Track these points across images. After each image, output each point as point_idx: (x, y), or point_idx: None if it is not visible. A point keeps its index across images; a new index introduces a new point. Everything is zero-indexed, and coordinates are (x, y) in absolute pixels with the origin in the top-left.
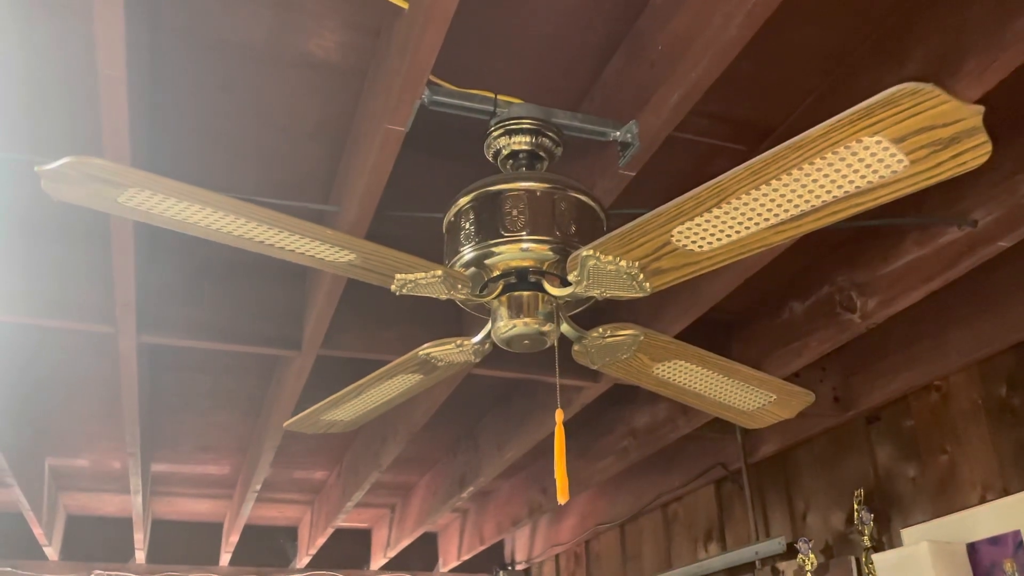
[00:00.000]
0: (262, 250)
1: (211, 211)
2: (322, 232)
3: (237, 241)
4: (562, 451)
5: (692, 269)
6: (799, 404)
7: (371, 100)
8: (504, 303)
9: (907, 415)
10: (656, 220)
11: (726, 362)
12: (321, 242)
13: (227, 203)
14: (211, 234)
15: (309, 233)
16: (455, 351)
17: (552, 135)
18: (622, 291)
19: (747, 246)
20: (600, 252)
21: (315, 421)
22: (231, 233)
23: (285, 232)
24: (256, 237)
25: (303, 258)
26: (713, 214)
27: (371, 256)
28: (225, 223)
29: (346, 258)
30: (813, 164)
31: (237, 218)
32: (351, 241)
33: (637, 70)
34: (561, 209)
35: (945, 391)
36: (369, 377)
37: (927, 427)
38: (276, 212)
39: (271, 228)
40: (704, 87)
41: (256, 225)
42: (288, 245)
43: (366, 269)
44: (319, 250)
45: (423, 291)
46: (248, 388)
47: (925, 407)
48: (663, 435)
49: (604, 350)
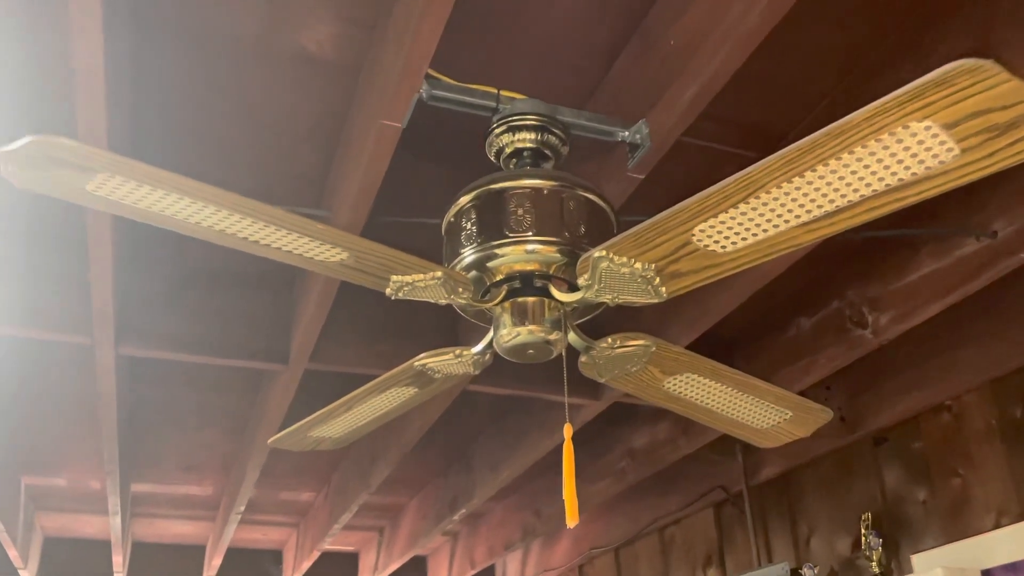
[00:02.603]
0: (246, 247)
1: (190, 202)
2: (312, 227)
3: (219, 237)
4: (571, 469)
5: (712, 272)
6: (816, 422)
7: (366, 96)
8: (507, 309)
9: (917, 436)
10: (676, 217)
11: (741, 376)
12: (311, 239)
13: (208, 193)
14: (190, 229)
15: (298, 228)
16: (453, 362)
17: (558, 132)
18: (636, 296)
19: (774, 247)
20: (614, 253)
21: (302, 438)
22: (212, 228)
23: (272, 227)
24: (240, 232)
25: (291, 257)
26: (739, 210)
27: (365, 255)
28: (205, 216)
29: (338, 257)
30: (853, 153)
31: (219, 210)
32: (343, 238)
33: (647, 67)
34: (570, 209)
35: (957, 411)
36: (360, 390)
37: (938, 449)
38: (262, 204)
39: (256, 222)
40: (721, 82)
41: (240, 219)
42: (275, 242)
43: (359, 270)
44: (309, 248)
45: (421, 295)
46: (233, 405)
47: (936, 428)
48: (663, 456)
49: (613, 362)
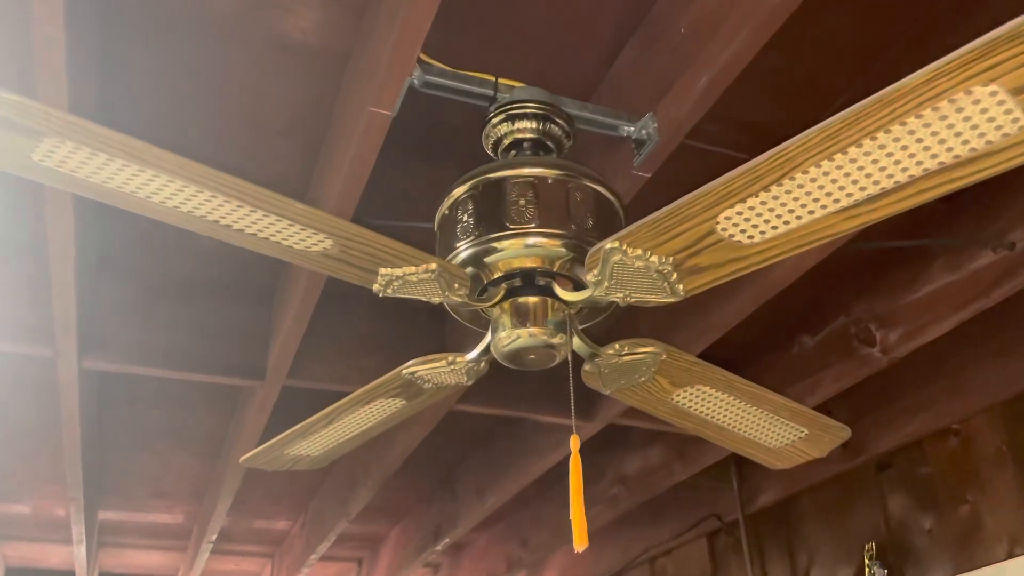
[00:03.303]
0: (216, 232)
1: (152, 175)
2: (291, 208)
3: (185, 219)
4: (579, 486)
5: (736, 267)
6: (832, 441)
7: (353, 83)
8: (506, 310)
9: (922, 461)
10: (699, 202)
11: (755, 388)
12: (290, 222)
13: (173, 163)
14: (152, 209)
15: (275, 209)
16: (445, 370)
17: (562, 123)
18: (650, 294)
19: (807, 237)
20: (627, 244)
21: (277, 455)
22: (178, 208)
23: (245, 207)
24: (209, 214)
25: (266, 246)
26: (771, 193)
27: (351, 242)
28: (170, 193)
29: (320, 245)
30: (905, 125)
31: (185, 185)
32: (326, 222)
33: (655, 58)
34: (576, 200)
35: (965, 435)
36: (342, 402)
37: (945, 475)
38: (235, 179)
39: (228, 201)
40: (736, 70)
41: (210, 196)
42: (248, 226)
43: (344, 261)
44: (287, 234)
45: (412, 291)
46: (207, 426)
47: (943, 453)
48: (657, 482)
49: (619, 371)
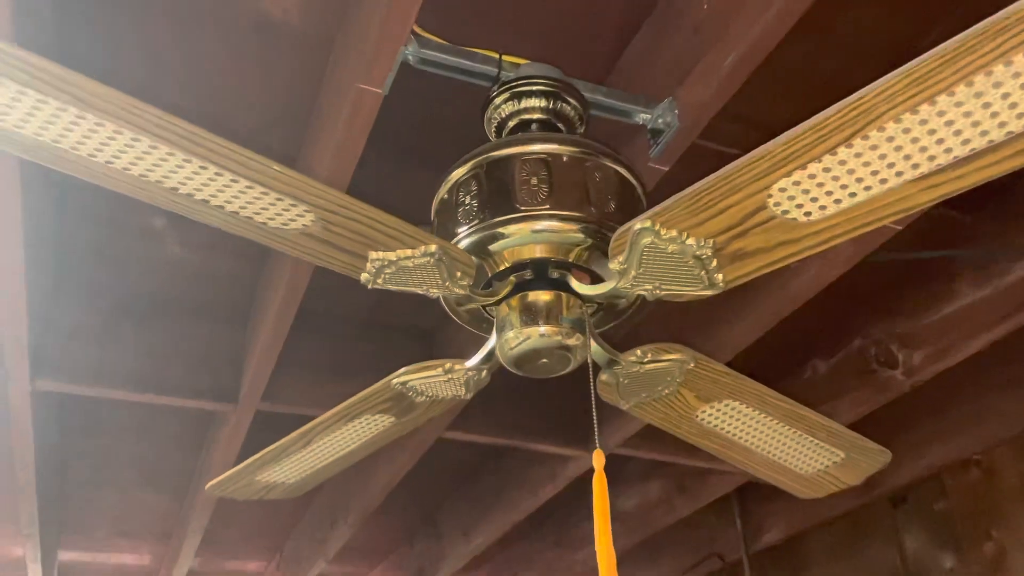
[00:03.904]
0: (175, 204)
1: (94, 122)
2: (265, 170)
3: (134, 186)
4: (605, 512)
5: (785, 253)
6: (869, 467)
7: (341, 63)
8: (515, 307)
9: (941, 495)
10: (751, 169)
11: (790, 405)
12: (264, 190)
13: (118, 104)
14: (94, 171)
15: (248, 172)
16: (442, 379)
17: (573, 102)
18: (684, 286)
19: (875, 212)
20: (661, 224)
21: (248, 482)
22: (127, 171)
23: (211, 168)
24: (166, 179)
25: (235, 222)
26: (838, 157)
27: (336, 216)
28: (116, 148)
29: (299, 221)
30: (1011, 65)
31: (136, 138)
32: (307, 188)
33: (673, 40)
34: (595, 180)
35: (987, 466)
36: (322, 418)
37: (966, 509)
38: (199, 130)
39: (189, 160)
40: (768, 47)
41: (167, 154)
42: (214, 195)
43: (327, 242)
44: (261, 206)
45: (408, 280)
46: (177, 459)
47: (963, 486)
48: (655, 519)
49: (640, 382)
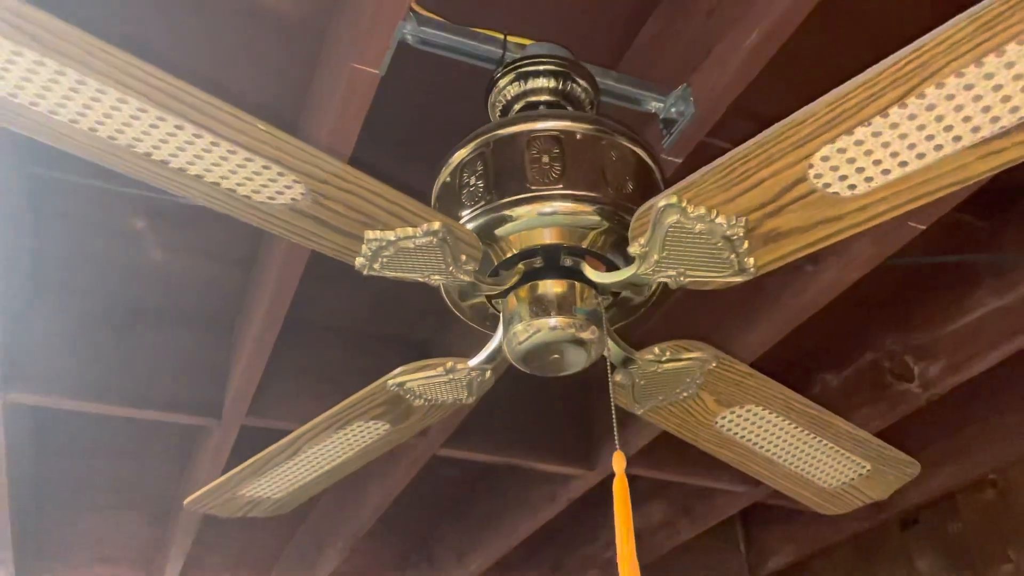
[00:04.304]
0: (144, 172)
1: (54, 69)
2: (250, 129)
3: (104, 151)
4: (628, 520)
5: (825, 232)
6: (896, 480)
7: (334, 45)
8: (524, 298)
9: (954, 516)
10: (791, 134)
11: (816, 410)
12: (249, 154)
13: (81, 46)
14: (57, 132)
15: (228, 131)
16: (442, 380)
17: (584, 84)
18: (710, 272)
19: (928, 184)
20: (689, 200)
21: (230, 497)
22: (93, 131)
23: (187, 126)
24: (138, 142)
25: (215, 194)
26: (889, 119)
27: (329, 187)
28: (81, 102)
29: (287, 194)
30: None
31: (103, 89)
32: (297, 152)
33: (688, 24)
34: (612, 160)
35: (1003, 486)
36: (310, 425)
37: (981, 531)
38: (177, 81)
39: (164, 118)
40: (793, 24)
41: (138, 109)
42: (191, 162)
43: (317, 219)
44: (244, 175)
45: (408, 265)
46: (159, 480)
47: (977, 506)
48: (658, 543)
49: (658, 383)
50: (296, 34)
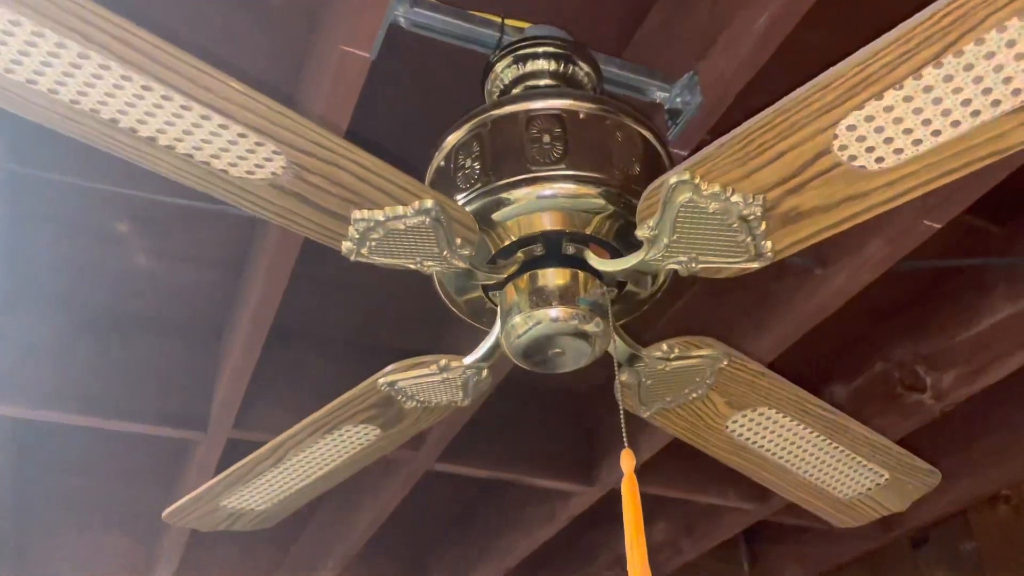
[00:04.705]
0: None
1: (7, 19)
2: (224, 90)
3: (65, 117)
4: (638, 521)
5: (850, 212)
6: (916, 489)
7: (324, 27)
8: (523, 288)
9: (967, 535)
10: (815, 100)
11: (832, 414)
12: (223, 120)
13: None
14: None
15: (200, 93)
16: (436, 380)
17: (586, 66)
18: (725, 257)
19: (962, 156)
20: (702, 176)
21: (211, 508)
22: (53, 93)
23: (156, 87)
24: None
25: (186, 168)
26: (923, 82)
27: (312, 159)
28: (39, 59)
29: (266, 167)
30: None
31: (62, 41)
32: (276, 118)
33: (692, 13)
34: (617, 140)
35: (1017, 502)
36: (296, 429)
37: (996, 549)
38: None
39: (129, 77)
40: (806, 3)
41: (101, 66)
42: (162, 129)
43: (300, 197)
44: (220, 145)
45: (399, 249)
46: (146, 495)
47: (992, 524)
48: (661, 563)
49: (665, 382)
50: (289, 15)
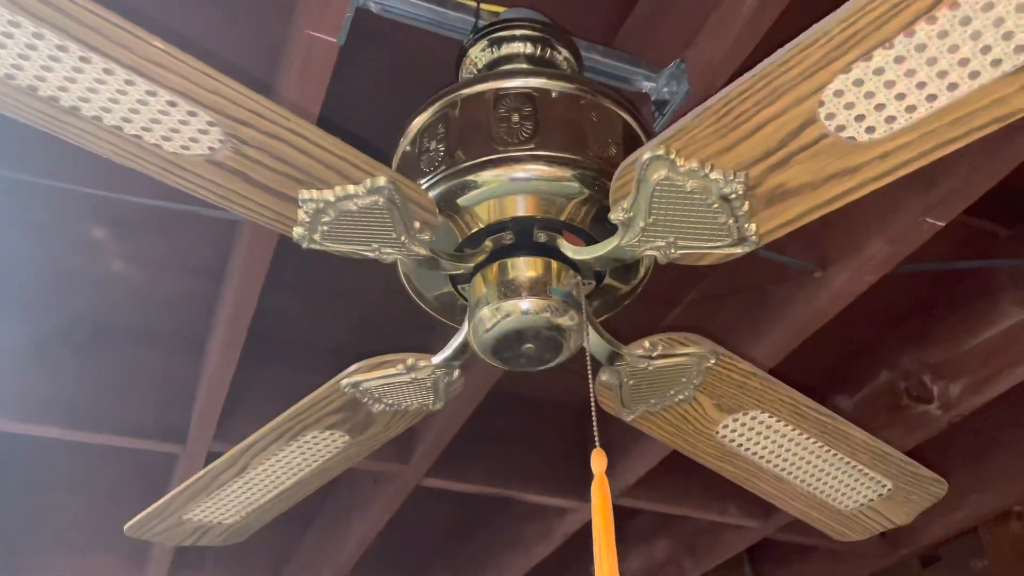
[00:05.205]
0: (35, 116)
1: None
2: (147, 49)
3: None
4: (609, 529)
5: (839, 190)
6: (922, 500)
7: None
8: (492, 279)
9: (978, 553)
10: (798, 62)
11: (828, 418)
12: (150, 86)
13: None
14: None
15: (122, 53)
16: (404, 380)
17: (564, 50)
18: (705, 241)
19: (960, 124)
20: (678, 151)
21: (175, 521)
22: None
23: (72, 46)
24: (17, 73)
25: (118, 144)
26: (915, 39)
27: (252, 130)
28: None
29: (203, 141)
30: None
31: None
32: (207, 80)
33: (677, 4)
34: (592, 120)
35: None
36: (258, 435)
37: (1008, 567)
38: None
39: (39, 32)
40: None
41: (7, 21)
42: (84, 97)
43: (242, 175)
44: (150, 115)
45: (353, 233)
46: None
47: (1004, 541)
48: None
49: (648, 383)
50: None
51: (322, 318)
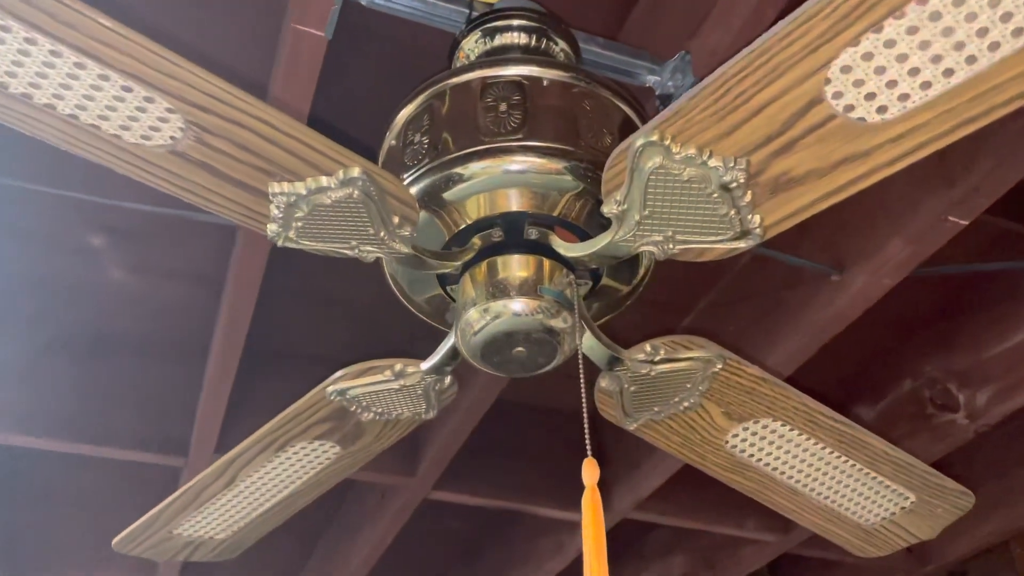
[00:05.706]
0: None
1: None
2: (94, 28)
3: None
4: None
5: (849, 176)
6: (947, 514)
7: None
8: (480, 279)
9: (1008, 568)
10: (801, 35)
11: (847, 427)
12: (103, 69)
13: None
14: None
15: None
16: (392, 388)
17: (562, 41)
18: (706, 235)
19: (978, 103)
20: (673, 136)
21: (164, 536)
22: None
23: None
24: None
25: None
26: (928, 7)
27: (214, 117)
28: None
29: (164, 130)
30: None
31: None
32: (162, 63)
33: None
34: (586, 110)
35: None
36: (243, 446)
37: None
38: None
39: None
40: None
41: None
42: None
43: (207, 167)
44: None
45: (327, 232)
46: None
47: None
48: None
49: (651, 390)
50: None
51: (328, 327)
